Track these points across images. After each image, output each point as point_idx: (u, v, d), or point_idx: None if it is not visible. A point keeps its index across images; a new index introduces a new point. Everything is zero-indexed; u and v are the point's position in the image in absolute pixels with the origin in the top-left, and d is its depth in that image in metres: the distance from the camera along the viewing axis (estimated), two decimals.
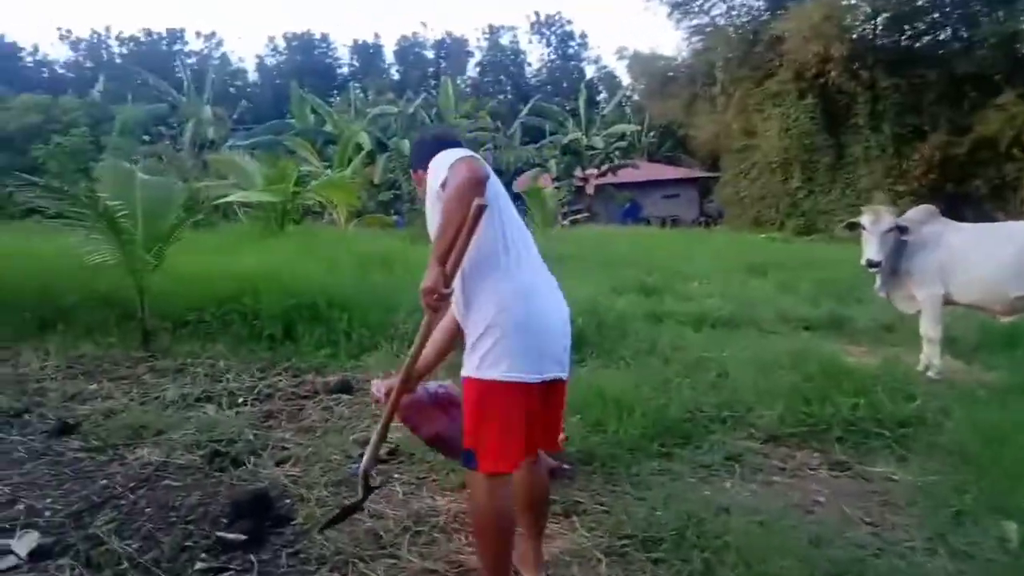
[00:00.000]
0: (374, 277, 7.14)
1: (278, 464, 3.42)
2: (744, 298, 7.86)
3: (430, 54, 61.02)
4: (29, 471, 3.26)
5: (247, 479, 3.23)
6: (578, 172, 30.06)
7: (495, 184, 2.14)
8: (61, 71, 53.95)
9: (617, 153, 31.37)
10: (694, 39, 27.17)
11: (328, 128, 24.11)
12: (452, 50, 59.82)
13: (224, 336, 5.49)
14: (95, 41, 57.34)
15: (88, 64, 54.08)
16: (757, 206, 25.45)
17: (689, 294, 8.02)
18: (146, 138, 25.83)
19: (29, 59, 53.88)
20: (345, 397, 4.41)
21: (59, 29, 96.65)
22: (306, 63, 55.36)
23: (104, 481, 3.17)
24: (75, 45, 57.25)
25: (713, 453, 3.54)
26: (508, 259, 2.13)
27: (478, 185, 2.00)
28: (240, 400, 4.28)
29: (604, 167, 30.15)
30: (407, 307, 5.86)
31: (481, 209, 1.98)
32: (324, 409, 4.22)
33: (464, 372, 2.10)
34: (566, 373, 2.22)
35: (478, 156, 2.12)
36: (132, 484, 3.12)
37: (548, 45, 59.94)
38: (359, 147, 20.64)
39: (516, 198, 27.10)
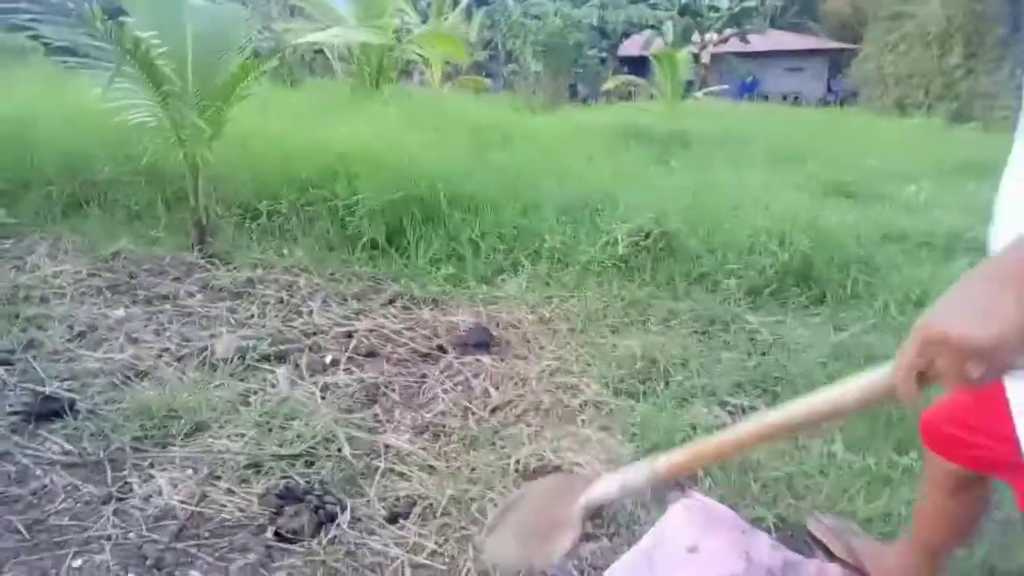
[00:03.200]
0: (494, 158, 5.41)
1: (392, 520, 1.92)
2: (978, 209, 5.80)
3: None
4: None
5: (338, 565, 1.73)
6: (696, 37, 26.62)
7: None
8: None
9: (740, 17, 27.54)
10: None
11: None
12: None
13: (307, 237, 3.96)
14: None
15: None
16: (903, 86, 22.31)
17: (908, 202, 5.99)
18: None
19: None
20: (486, 361, 2.84)
21: None
22: None
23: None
24: None
25: None
26: None
27: None
28: (327, 359, 2.76)
29: (727, 32, 26.57)
30: (554, 206, 4.17)
31: None
32: (457, 384, 2.67)
33: None
34: None
35: None
36: None
37: None
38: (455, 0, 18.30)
39: (631, 62, 24.20)
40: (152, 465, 2.06)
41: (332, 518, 1.90)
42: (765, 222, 4.10)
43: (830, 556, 1.82)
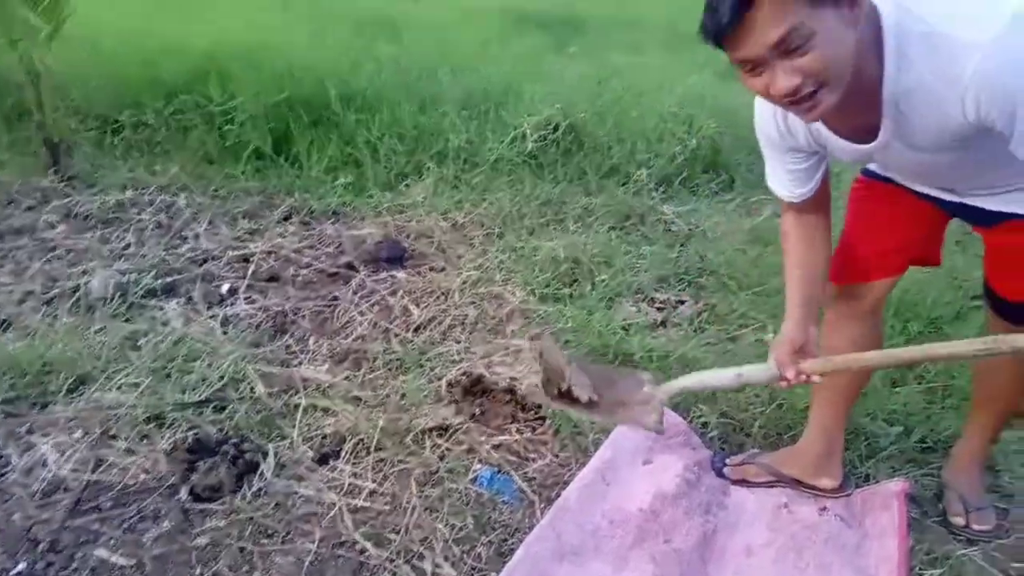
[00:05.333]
0: (382, 50, 4.98)
1: (322, 462, 1.76)
2: None
3: None
4: None
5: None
6: None
7: None
8: None
9: None
10: None
11: None
12: None
13: (181, 151, 3.52)
14: None
15: None
16: None
17: None
18: None
19: None
20: (401, 277, 2.64)
21: None
22: None
23: None
24: None
25: None
26: None
27: None
28: (224, 288, 2.48)
29: None
30: (454, 101, 3.89)
31: None
32: (373, 305, 2.47)
33: None
34: None
35: None
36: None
37: None
38: None
39: None
40: (31, 431, 1.79)
41: (254, 468, 1.72)
42: (672, 107, 4.00)
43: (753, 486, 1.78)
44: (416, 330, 2.34)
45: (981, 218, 1.36)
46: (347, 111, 3.62)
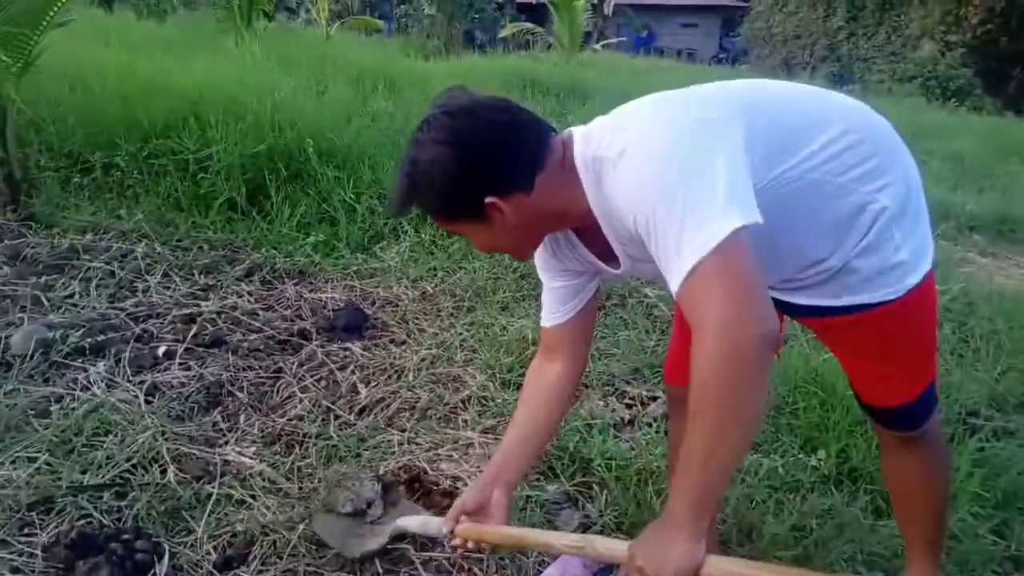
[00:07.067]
0: (376, 104, 4.92)
1: (224, 567, 1.54)
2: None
3: None
4: None
5: None
6: None
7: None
8: None
9: None
10: None
11: None
12: None
13: (150, 196, 3.38)
14: None
15: None
16: (790, 45, 23.14)
17: None
18: None
19: None
20: (356, 349, 2.46)
21: None
22: None
23: None
24: None
25: None
26: None
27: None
28: (160, 351, 2.29)
29: None
30: None
31: None
32: (320, 380, 2.28)
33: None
34: None
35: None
36: None
37: None
38: None
39: (530, 9, 23.45)
40: None
41: (143, 570, 1.50)
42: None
43: None
44: (360, 412, 2.14)
45: (800, 314, 1.25)
46: (326, 167, 3.50)
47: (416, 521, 1.53)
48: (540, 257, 1.29)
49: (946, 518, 1.49)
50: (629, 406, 2.30)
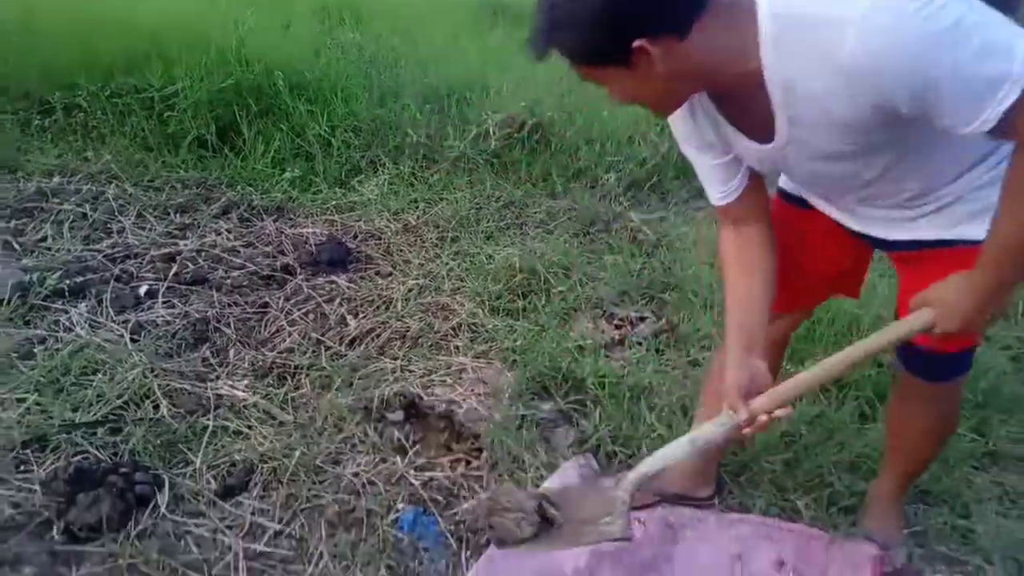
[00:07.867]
0: (344, 36, 4.75)
1: (225, 495, 1.55)
2: None
3: None
4: None
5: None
6: None
7: None
8: None
9: None
10: None
11: None
12: None
13: (116, 136, 3.26)
14: None
15: None
16: None
17: None
18: None
19: None
20: (342, 282, 2.44)
21: None
22: None
23: None
24: None
25: None
26: None
27: None
28: (141, 290, 2.25)
29: None
30: (416, 95, 3.69)
31: None
32: (307, 313, 2.26)
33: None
34: None
35: None
36: None
37: None
38: None
39: None
40: None
41: (144, 502, 1.51)
42: (643, 109, 3.82)
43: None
44: (351, 343, 2.14)
45: (892, 248, 1.24)
46: (298, 101, 3.40)
47: (671, 451, 1.18)
48: (679, 120, 1.20)
49: (930, 464, 1.56)
50: (618, 327, 2.31)
